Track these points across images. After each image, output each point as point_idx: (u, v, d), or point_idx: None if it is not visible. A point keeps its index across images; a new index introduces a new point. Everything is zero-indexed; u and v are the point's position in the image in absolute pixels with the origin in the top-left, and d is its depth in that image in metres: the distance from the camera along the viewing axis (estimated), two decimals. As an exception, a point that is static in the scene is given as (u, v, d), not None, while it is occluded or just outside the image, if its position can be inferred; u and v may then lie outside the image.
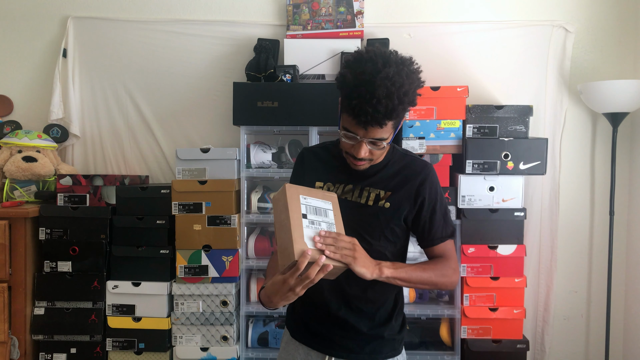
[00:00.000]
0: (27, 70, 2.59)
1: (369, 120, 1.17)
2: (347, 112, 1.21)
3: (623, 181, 2.50)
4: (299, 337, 1.43)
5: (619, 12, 2.48)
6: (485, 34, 2.49)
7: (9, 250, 2.15)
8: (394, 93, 1.14)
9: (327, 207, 1.25)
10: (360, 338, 1.37)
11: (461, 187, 2.22)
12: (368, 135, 1.21)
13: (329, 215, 1.23)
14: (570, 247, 2.53)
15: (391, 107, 1.15)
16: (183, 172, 2.25)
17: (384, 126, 1.19)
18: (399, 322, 1.43)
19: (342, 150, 1.31)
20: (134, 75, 2.57)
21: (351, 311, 1.36)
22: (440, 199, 1.39)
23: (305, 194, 1.24)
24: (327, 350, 1.38)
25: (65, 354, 2.25)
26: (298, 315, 1.45)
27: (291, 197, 1.21)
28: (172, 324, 2.25)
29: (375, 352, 1.37)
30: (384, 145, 1.25)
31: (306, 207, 1.21)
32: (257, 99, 2.20)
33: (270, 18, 2.53)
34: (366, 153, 1.25)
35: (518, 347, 2.24)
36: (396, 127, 1.25)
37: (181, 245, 2.23)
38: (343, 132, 1.25)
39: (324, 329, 1.39)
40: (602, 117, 2.44)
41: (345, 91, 1.20)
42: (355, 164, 1.29)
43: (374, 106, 1.14)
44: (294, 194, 1.22)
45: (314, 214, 1.21)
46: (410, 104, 1.21)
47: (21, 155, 2.37)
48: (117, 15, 2.56)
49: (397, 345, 1.41)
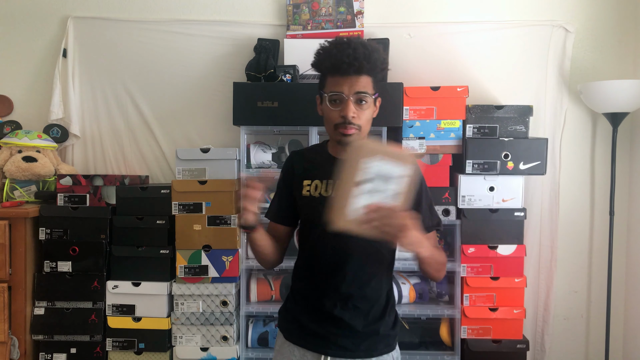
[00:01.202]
0: (27, 70, 2.59)
1: (351, 63, 1.28)
2: (329, 72, 1.34)
3: (623, 181, 2.50)
4: (293, 339, 1.44)
5: (619, 12, 2.48)
6: (485, 34, 2.49)
7: (9, 250, 2.15)
8: (366, 45, 1.32)
9: (398, 174, 1.11)
10: (356, 336, 1.38)
11: (461, 187, 2.22)
12: (352, 90, 1.32)
13: (396, 184, 1.12)
14: (570, 247, 2.53)
15: (367, 54, 1.30)
16: (183, 172, 2.25)
17: (363, 74, 1.32)
18: (392, 318, 1.45)
19: (332, 127, 1.36)
20: (134, 75, 2.56)
21: (346, 309, 1.37)
22: (425, 190, 1.43)
23: (374, 154, 1.10)
24: (323, 350, 1.39)
25: (65, 354, 2.24)
26: (292, 316, 1.46)
27: (352, 159, 1.11)
28: (172, 324, 2.25)
29: (370, 349, 1.39)
30: (369, 100, 1.34)
31: (368, 172, 1.11)
32: (257, 99, 2.20)
33: (270, 18, 2.53)
34: (354, 112, 1.32)
35: (518, 347, 2.24)
36: (376, 90, 1.37)
37: (181, 245, 2.23)
38: (329, 98, 1.34)
39: (319, 328, 1.39)
40: (602, 117, 2.44)
41: (324, 57, 1.34)
42: (346, 132, 1.34)
43: (352, 52, 1.29)
44: (358, 155, 1.10)
45: (376, 181, 1.11)
46: (382, 63, 1.36)
47: (21, 155, 2.37)
48: (117, 15, 2.56)
49: (391, 341, 1.43)
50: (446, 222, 2.24)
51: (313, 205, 1.39)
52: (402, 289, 2.29)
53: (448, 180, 2.25)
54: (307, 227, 1.45)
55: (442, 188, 2.23)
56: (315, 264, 1.41)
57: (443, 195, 2.23)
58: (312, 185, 1.41)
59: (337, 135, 1.36)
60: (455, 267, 2.25)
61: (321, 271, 1.40)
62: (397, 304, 2.30)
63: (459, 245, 2.24)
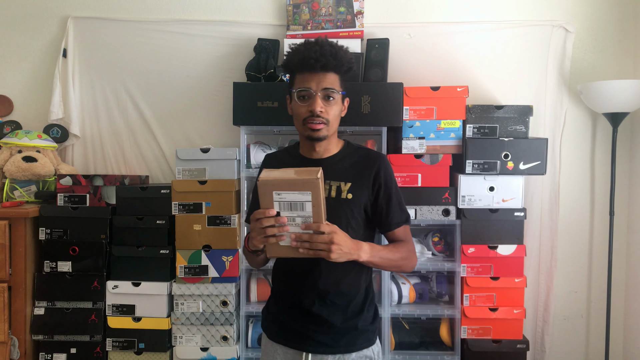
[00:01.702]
0: (27, 70, 2.60)
1: (318, 59, 1.34)
2: (298, 70, 1.39)
3: (623, 181, 2.50)
4: (275, 338, 1.47)
5: (619, 12, 2.48)
6: (485, 34, 2.49)
7: (9, 250, 2.15)
8: (333, 44, 1.39)
9: (305, 199, 1.21)
10: (335, 332, 1.40)
11: (461, 187, 2.22)
12: (320, 85, 1.36)
13: (305, 208, 1.22)
14: (570, 247, 2.53)
15: (334, 52, 1.36)
16: (183, 172, 2.25)
17: (330, 71, 1.37)
18: (371, 312, 1.48)
19: (300, 123, 1.40)
20: (134, 75, 2.56)
21: (324, 305, 1.40)
22: (395, 186, 1.46)
23: (279, 188, 1.20)
24: (304, 347, 1.42)
25: (65, 354, 2.25)
26: (273, 316, 1.49)
27: (264, 194, 1.21)
28: (172, 324, 2.25)
29: (349, 344, 1.41)
30: (335, 97, 1.38)
31: (280, 203, 1.21)
32: (257, 99, 2.20)
33: (270, 18, 2.53)
34: (321, 107, 1.36)
35: (518, 347, 2.24)
36: (343, 88, 1.42)
37: (181, 245, 2.23)
38: (298, 94, 1.39)
39: (298, 326, 1.42)
40: (602, 117, 2.44)
41: (293, 56, 1.39)
42: (314, 127, 1.37)
43: (319, 49, 1.35)
44: (268, 190, 1.20)
45: (289, 210, 1.22)
46: (349, 62, 1.40)
47: (21, 155, 2.37)
48: (117, 15, 2.56)
49: (371, 336, 1.46)
50: (446, 222, 2.24)
51: None
52: (402, 289, 2.29)
53: (448, 180, 2.25)
54: None
55: (442, 188, 2.23)
56: (292, 263, 1.43)
57: (443, 195, 2.23)
58: None
59: (305, 130, 1.40)
60: (455, 267, 2.25)
61: (298, 270, 1.42)
62: (397, 304, 2.30)
63: (459, 245, 2.24)
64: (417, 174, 2.23)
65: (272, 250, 1.26)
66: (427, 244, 2.37)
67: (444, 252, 2.37)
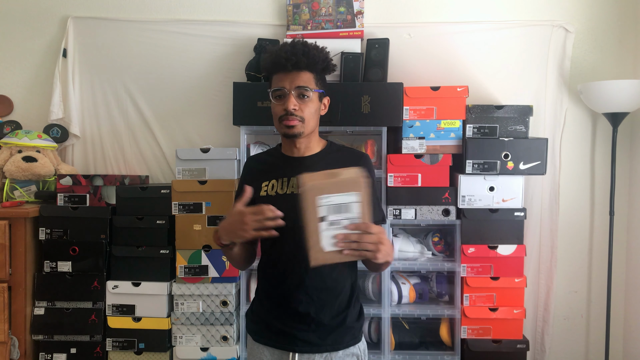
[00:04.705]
0: (27, 70, 2.59)
1: (289, 58, 1.36)
2: (273, 71, 1.42)
3: (623, 181, 2.50)
4: (262, 340, 1.47)
5: (619, 12, 2.48)
6: (485, 34, 2.49)
7: (9, 250, 2.15)
8: (307, 44, 1.41)
9: (352, 200, 1.19)
10: (322, 329, 1.41)
11: (461, 187, 2.22)
12: (293, 84, 1.38)
13: (352, 210, 1.19)
14: (570, 247, 2.53)
15: (306, 51, 1.38)
16: (183, 172, 2.25)
17: (303, 69, 1.39)
18: (357, 309, 1.49)
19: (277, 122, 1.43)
20: (134, 75, 2.56)
21: (312, 303, 1.40)
22: (374, 186, 1.47)
23: (326, 192, 1.17)
24: (290, 347, 1.41)
25: (65, 354, 2.24)
26: (258, 317, 1.49)
27: (308, 201, 1.18)
28: (172, 324, 2.25)
29: (336, 342, 1.42)
30: (310, 95, 1.40)
31: (326, 207, 1.19)
32: (257, 99, 2.20)
33: (270, 18, 2.53)
34: (295, 105, 1.38)
35: (518, 347, 2.24)
36: (319, 86, 1.43)
37: (181, 245, 2.23)
38: (273, 95, 1.41)
39: (285, 326, 1.42)
40: (602, 117, 2.44)
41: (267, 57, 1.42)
42: (289, 124, 1.39)
43: (291, 49, 1.38)
44: (311, 197, 1.18)
45: (335, 213, 1.19)
46: (323, 61, 1.42)
47: (21, 155, 2.37)
48: (117, 15, 2.56)
49: (356, 333, 1.46)
50: (446, 222, 2.24)
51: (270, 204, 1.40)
52: (402, 289, 2.29)
53: (448, 180, 2.25)
54: None
55: (442, 188, 2.23)
56: (277, 262, 1.43)
57: (443, 195, 2.23)
58: (269, 185, 1.45)
59: (282, 128, 1.42)
60: (455, 267, 2.25)
61: (284, 268, 1.42)
62: (397, 304, 2.30)
63: (459, 245, 2.24)
64: (417, 174, 2.23)
65: (316, 258, 1.21)
66: (427, 244, 2.37)
67: (444, 252, 2.37)
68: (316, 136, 1.50)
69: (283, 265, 1.42)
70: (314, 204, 1.18)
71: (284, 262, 1.41)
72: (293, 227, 1.29)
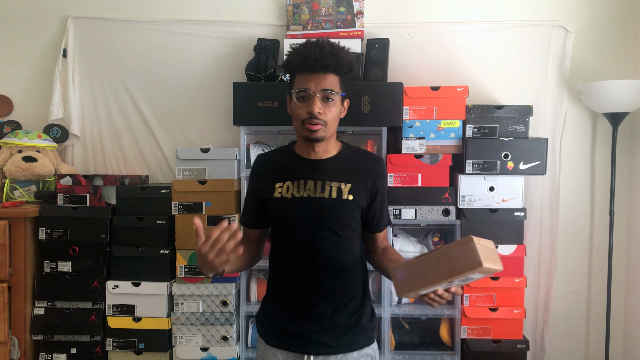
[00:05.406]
0: (27, 70, 2.59)
1: (317, 60, 1.33)
2: (298, 70, 1.38)
3: (623, 181, 2.50)
4: (275, 343, 1.45)
5: (619, 12, 2.48)
6: (485, 34, 2.49)
7: (9, 250, 2.15)
8: (334, 45, 1.37)
9: (477, 278, 1.20)
10: (338, 331, 1.40)
11: (461, 187, 2.22)
12: (319, 87, 1.35)
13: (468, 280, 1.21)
14: (570, 247, 2.53)
15: (334, 53, 1.34)
16: (183, 172, 2.25)
17: (330, 72, 1.36)
18: (370, 309, 1.49)
19: (299, 124, 1.39)
20: (134, 75, 2.56)
21: (328, 305, 1.39)
22: (386, 190, 1.49)
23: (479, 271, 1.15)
24: (306, 350, 1.40)
25: (65, 354, 2.24)
26: (270, 321, 1.47)
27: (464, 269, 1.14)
28: (172, 324, 2.25)
29: (352, 343, 1.41)
30: (334, 98, 1.37)
31: (462, 280, 1.18)
32: (257, 99, 2.20)
33: (270, 18, 2.53)
34: (320, 109, 1.35)
35: (518, 347, 2.24)
36: (342, 89, 1.40)
37: (181, 245, 2.22)
38: (297, 95, 1.38)
39: (300, 328, 1.41)
40: (602, 117, 2.44)
41: (293, 56, 1.38)
42: (312, 128, 1.36)
43: (319, 50, 1.34)
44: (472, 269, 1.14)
45: (460, 281, 1.20)
46: (349, 64, 1.39)
47: (21, 155, 2.37)
48: (117, 15, 2.56)
49: (370, 334, 1.47)
50: (446, 222, 2.24)
51: (285, 206, 1.41)
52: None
53: (448, 180, 2.25)
54: (280, 228, 1.46)
55: (442, 188, 2.23)
56: (292, 264, 1.42)
57: (443, 195, 2.23)
58: (284, 187, 1.42)
59: (304, 131, 1.39)
60: (455, 267, 2.25)
61: (299, 270, 1.41)
62: (397, 304, 2.30)
63: (459, 245, 2.24)
64: (417, 174, 2.23)
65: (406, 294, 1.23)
66: (427, 244, 2.37)
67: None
68: (334, 139, 1.48)
69: (298, 268, 1.41)
70: (464, 273, 1.15)
71: (299, 264, 1.40)
72: (309, 230, 1.28)
